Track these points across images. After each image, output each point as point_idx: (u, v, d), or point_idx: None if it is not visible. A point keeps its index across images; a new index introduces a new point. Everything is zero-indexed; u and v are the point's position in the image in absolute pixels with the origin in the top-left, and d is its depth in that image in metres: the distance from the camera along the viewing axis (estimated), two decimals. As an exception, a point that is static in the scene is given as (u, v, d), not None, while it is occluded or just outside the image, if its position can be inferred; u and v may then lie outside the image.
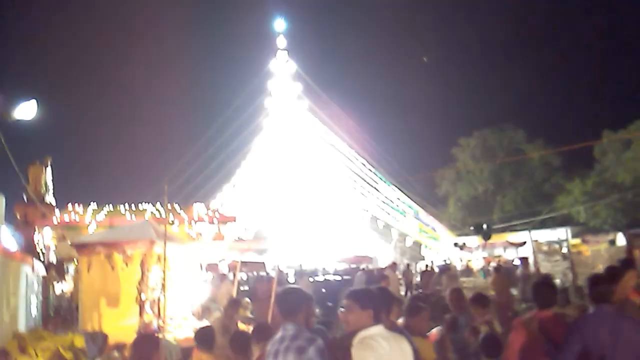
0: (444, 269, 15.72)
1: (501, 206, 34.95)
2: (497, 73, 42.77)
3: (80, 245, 7.49)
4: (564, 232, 26.36)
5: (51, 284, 9.97)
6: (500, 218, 32.13)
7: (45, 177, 12.80)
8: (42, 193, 12.46)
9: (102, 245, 7.05)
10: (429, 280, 13.63)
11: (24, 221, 11.86)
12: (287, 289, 3.41)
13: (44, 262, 10.55)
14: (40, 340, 6.35)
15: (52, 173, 13.11)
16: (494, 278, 9.87)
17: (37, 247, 11.50)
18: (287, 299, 3.29)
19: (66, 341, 6.33)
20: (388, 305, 3.83)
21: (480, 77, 44.32)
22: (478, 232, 25.43)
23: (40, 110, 8.08)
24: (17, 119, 7.80)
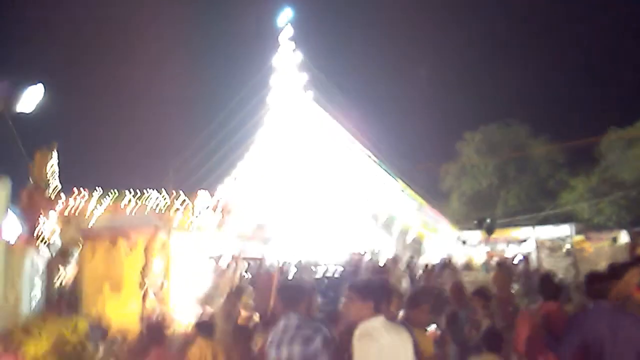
0: (445, 264, 15.74)
1: (505, 201, 34.86)
2: (505, 68, 42.49)
3: (85, 230, 7.57)
4: (567, 229, 26.29)
5: (56, 268, 10.05)
6: (503, 213, 32.08)
7: (52, 162, 12.85)
8: (48, 178, 12.52)
9: (107, 230, 7.12)
10: (430, 274, 13.65)
11: (29, 205, 11.91)
12: (289, 279, 3.44)
13: (48, 246, 10.62)
14: (45, 323, 6.41)
15: (58, 158, 13.16)
16: (495, 273, 9.86)
17: (42, 231, 11.56)
18: (289, 288, 3.32)
19: (70, 325, 6.39)
20: (388, 297, 3.87)
21: (487, 73, 44.04)
22: (481, 226, 25.42)
23: (46, 95, 8.10)
24: (23, 105, 7.82)
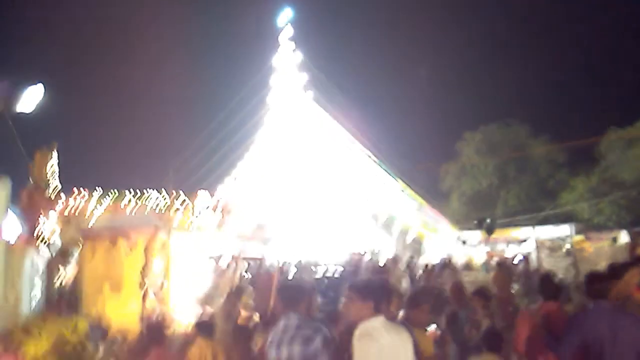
0: (445, 264, 15.74)
1: (505, 201, 34.85)
2: (505, 68, 42.45)
3: (85, 230, 7.57)
4: (567, 229, 26.29)
5: (56, 268, 10.05)
6: (503, 213, 32.06)
7: (52, 162, 12.86)
8: (48, 178, 12.53)
9: (107, 230, 7.12)
10: (430, 274, 13.65)
11: (29, 205, 11.91)
12: (289, 279, 3.44)
13: (48, 246, 10.63)
14: (45, 323, 6.41)
15: (58, 158, 13.17)
16: (495, 273, 9.86)
17: (42, 231, 11.56)
18: (289, 288, 3.32)
19: (70, 325, 6.39)
20: (388, 297, 3.87)
21: (487, 73, 44.01)
22: (481, 226, 25.40)
23: (46, 95, 8.09)
24: (23, 105, 7.82)
